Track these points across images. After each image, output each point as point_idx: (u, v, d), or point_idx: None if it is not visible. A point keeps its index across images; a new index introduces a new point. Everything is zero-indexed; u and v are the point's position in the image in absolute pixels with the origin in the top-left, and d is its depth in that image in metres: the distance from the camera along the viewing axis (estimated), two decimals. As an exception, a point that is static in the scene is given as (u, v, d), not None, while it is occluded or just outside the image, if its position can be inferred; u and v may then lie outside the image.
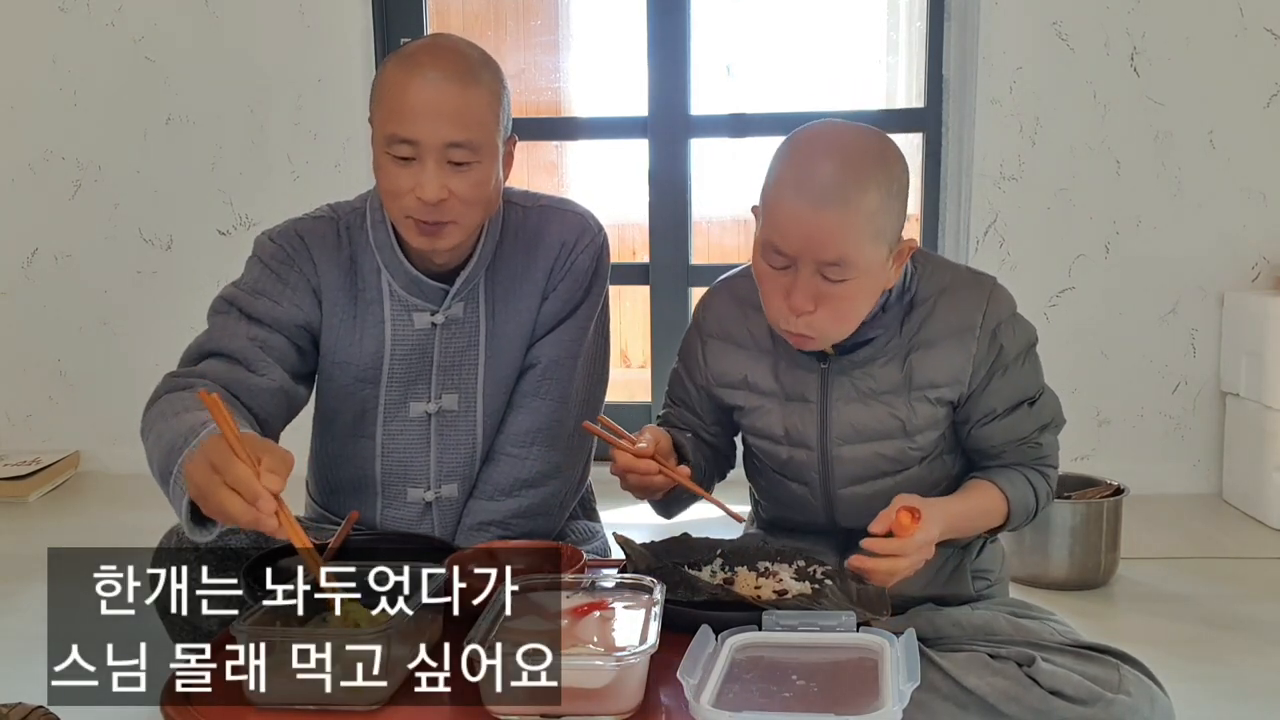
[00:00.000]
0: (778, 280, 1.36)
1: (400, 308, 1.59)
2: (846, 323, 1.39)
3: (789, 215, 1.32)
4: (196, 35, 3.33)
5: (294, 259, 1.56)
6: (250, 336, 1.51)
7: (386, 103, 1.45)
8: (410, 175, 1.44)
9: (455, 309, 1.59)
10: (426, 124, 1.42)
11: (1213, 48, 3.09)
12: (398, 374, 1.61)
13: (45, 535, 2.96)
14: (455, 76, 1.44)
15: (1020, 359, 1.47)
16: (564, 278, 1.63)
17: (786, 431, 1.51)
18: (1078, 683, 1.28)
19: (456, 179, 1.45)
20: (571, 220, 1.64)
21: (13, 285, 3.51)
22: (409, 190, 1.44)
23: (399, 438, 1.64)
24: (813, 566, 1.40)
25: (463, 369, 1.62)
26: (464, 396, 1.63)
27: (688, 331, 1.62)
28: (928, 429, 1.48)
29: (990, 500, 1.46)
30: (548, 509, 1.68)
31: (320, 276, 1.57)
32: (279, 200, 3.29)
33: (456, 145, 1.43)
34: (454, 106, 1.43)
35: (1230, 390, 3.15)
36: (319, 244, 1.58)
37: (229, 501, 1.11)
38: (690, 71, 3.40)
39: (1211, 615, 2.37)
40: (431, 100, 1.42)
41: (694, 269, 3.51)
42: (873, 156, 1.33)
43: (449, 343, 1.61)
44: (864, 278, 1.35)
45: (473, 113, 1.44)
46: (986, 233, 3.21)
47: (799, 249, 1.32)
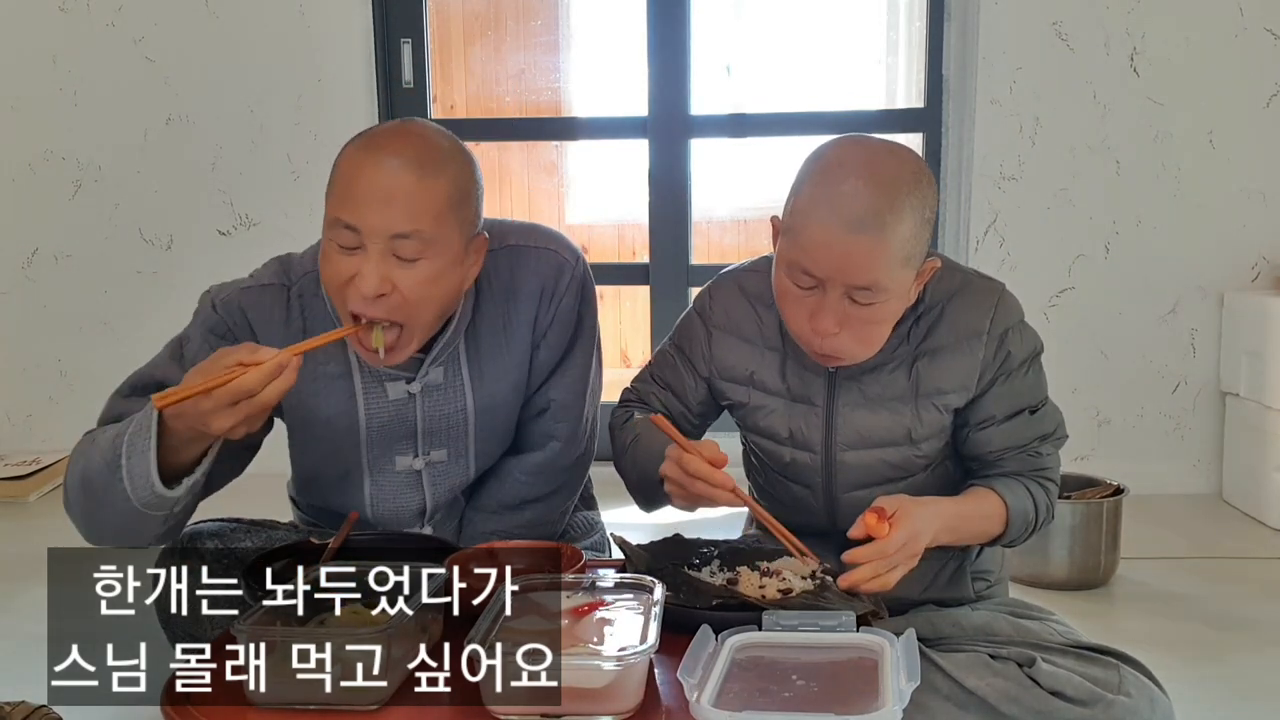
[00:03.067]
0: (803, 301, 1.35)
1: (371, 380, 1.50)
2: (871, 344, 1.38)
3: (820, 239, 1.29)
4: (196, 35, 3.33)
5: (233, 333, 1.46)
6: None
7: (337, 186, 1.35)
8: (352, 265, 1.33)
9: (434, 375, 1.50)
10: (372, 211, 1.31)
11: (1213, 48, 3.09)
12: (376, 439, 1.53)
13: (45, 535, 2.94)
14: (413, 164, 1.33)
15: (1025, 366, 1.46)
16: (551, 324, 1.55)
17: (791, 434, 1.50)
18: (1078, 683, 1.28)
19: (401, 273, 1.33)
20: (546, 260, 1.54)
21: (13, 285, 3.50)
22: (349, 280, 1.34)
23: (388, 489, 1.58)
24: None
25: (452, 430, 1.55)
26: (454, 450, 1.56)
27: (689, 320, 1.57)
28: (934, 436, 1.47)
29: (988, 504, 1.43)
30: (550, 518, 1.67)
31: None
32: (279, 200, 3.31)
33: (402, 236, 1.32)
34: (405, 195, 1.32)
35: (1230, 390, 3.15)
36: (264, 320, 1.47)
37: (239, 376, 1.17)
38: (690, 71, 3.40)
39: (1211, 615, 2.37)
40: (382, 187, 1.32)
41: (694, 269, 3.50)
42: (907, 180, 1.30)
43: (432, 408, 1.53)
44: (892, 301, 1.34)
45: (426, 204, 1.33)
46: (986, 233, 3.21)
47: (829, 273, 1.30)
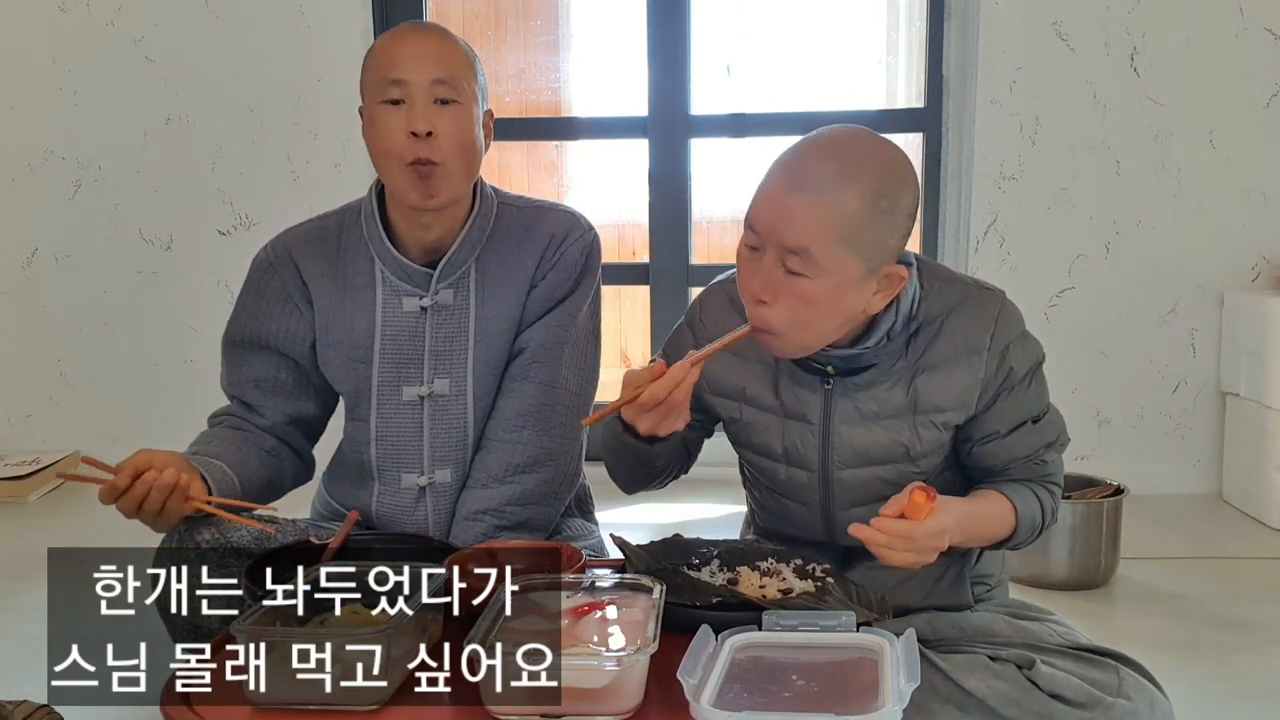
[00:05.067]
0: (750, 264, 1.34)
1: (391, 293, 1.67)
2: (806, 329, 1.32)
3: (764, 195, 1.31)
4: (196, 35, 3.33)
5: (275, 266, 1.70)
6: (252, 379, 1.70)
7: (376, 61, 1.60)
8: (401, 116, 1.57)
9: (444, 295, 1.67)
10: (413, 64, 1.58)
11: (1213, 48, 3.09)
12: (389, 355, 1.68)
13: (45, 535, 2.95)
14: (435, 30, 1.64)
15: (1027, 379, 1.43)
16: (553, 267, 1.70)
17: (786, 451, 1.47)
18: (1077, 686, 1.28)
19: (442, 117, 1.57)
20: (562, 217, 1.74)
21: (13, 285, 3.50)
22: (401, 130, 1.56)
23: (392, 422, 1.69)
24: (811, 565, 1.40)
25: (453, 354, 1.68)
26: (454, 381, 1.68)
27: (679, 331, 1.56)
28: (932, 453, 1.44)
29: (999, 507, 1.41)
30: (542, 497, 1.69)
31: (302, 272, 1.68)
32: (279, 200, 3.31)
33: (440, 82, 1.57)
34: (436, 51, 1.60)
35: (1230, 390, 3.15)
36: (302, 245, 1.70)
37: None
38: (690, 71, 3.40)
39: (1211, 615, 2.37)
40: (416, 47, 1.60)
41: (694, 269, 3.50)
42: (871, 164, 1.29)
43: (439, 328, 1.67)
44: (826, 281, 1.28)
45: (454, 58, 1.60)
46: (986, 233, 3.21)
47: (765, 229, 1.30)
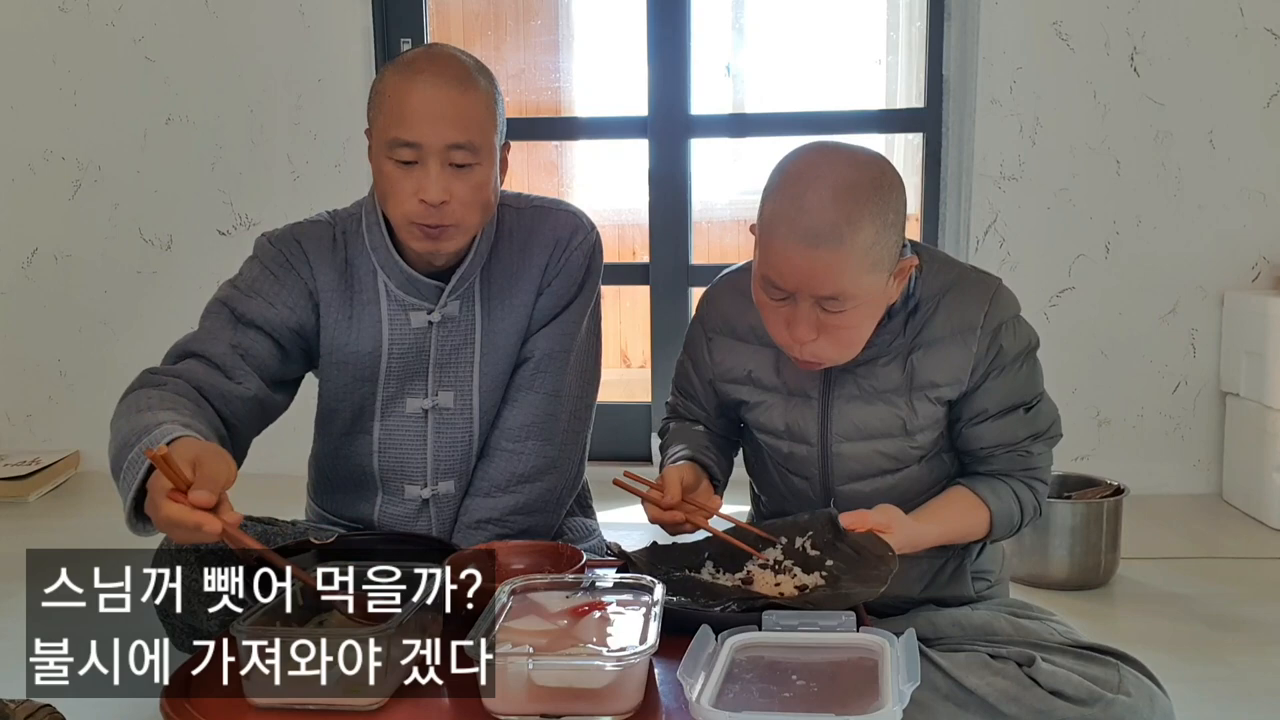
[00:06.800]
0: (778, 311, 1.37)
1: (397, 307, 1.61)
2: (850, 346, 1.40)
3: (783, 254, 1.31)
4: (196, 35, 3.33)
5: (291, 263, 1.60)
6: (234, 343, 1.53)
7: (388, 109, 1.48)
8: (413, 179, 1.48)
9: (451, 307, 1.62)
10: (428, 126, 1.46)
11: (1213, 48, 3.09)
12: (395, 371, 1.63)
13: (45, 535, 2.95)
14: (454, 81, 1.48)
15: (1019, 361, 1.46)
16: (559, 274, 1.66)
17: (787, 426, 1.52)
18: (1078, 683, 1.29)
19: (458, 181, 1.48)
20: (565, 218, 1.68)
21: (13, 285, 3.51)
22: (412, 194, 1.48)
23: (396, 434, 1.66)
24: (797, 540, 1.40)
25: (458, 366, 1.64)
26: (460, 394, 1.65)
27: (692, 325, 1.63)
28: (928, 428, 1.48)
29: (972, 517, 1.46)
30: (544, 505, 1.68)
31: (316, 279, 1.60)
32: (279, 200, 3.31)
33: (458, 147, 1.47)
34: (454, 109, 1.47)
35: (1230, 390, 3.15)
36: (315, 247, 1.61)
37: (172, 531, 1.15)
38: (690, 71, 3.40)
39: (1211, 615, 2.37)
40: (432, 103, 1.46)
41: (694, 269, 3.50)
42: (865, 189, 1.30)
43: (445, 340, 1.63)
44: (864, 305, 1.35)
45: (472, 115, 1.48)
46: (986, 233, 3.21)
47: (795, 286, 1.33)
